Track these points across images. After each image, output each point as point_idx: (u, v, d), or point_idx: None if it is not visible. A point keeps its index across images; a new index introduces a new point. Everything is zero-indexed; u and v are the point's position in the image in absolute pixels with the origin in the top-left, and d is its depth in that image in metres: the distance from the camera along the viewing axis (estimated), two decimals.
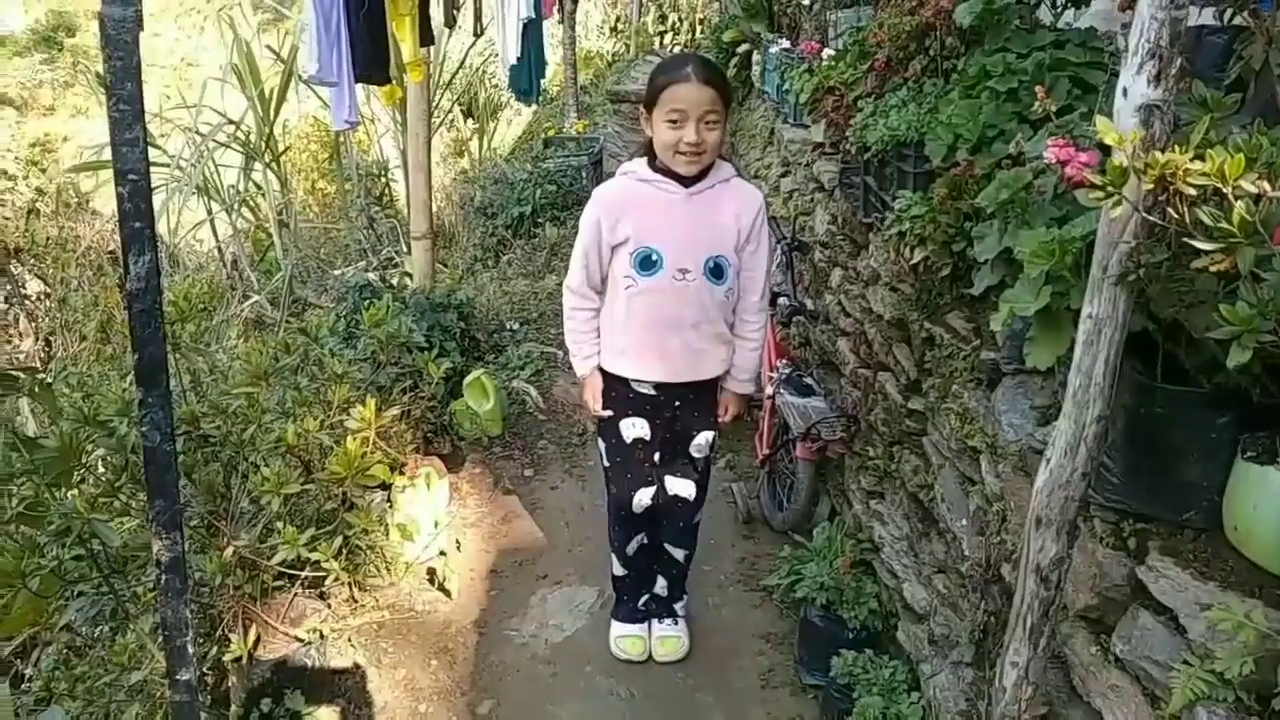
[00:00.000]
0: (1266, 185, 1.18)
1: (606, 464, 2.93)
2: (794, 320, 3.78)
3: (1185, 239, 1.25)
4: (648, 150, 2.61)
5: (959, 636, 2.30)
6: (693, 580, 3.25)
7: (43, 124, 14.21)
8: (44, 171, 10.96)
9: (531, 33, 7.25)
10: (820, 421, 3.22)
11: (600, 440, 2.92)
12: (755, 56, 6.80)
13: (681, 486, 2.94)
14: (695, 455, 2.91)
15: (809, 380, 3.54)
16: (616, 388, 2.77)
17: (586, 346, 2.76)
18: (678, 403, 2.80)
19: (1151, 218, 1.30)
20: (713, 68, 2.53)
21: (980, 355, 2.33)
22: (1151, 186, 1.24)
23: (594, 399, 2.81)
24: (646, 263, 2.59)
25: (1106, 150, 1.34)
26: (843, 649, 2.66)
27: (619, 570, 3.09)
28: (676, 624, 3.10)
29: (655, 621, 3.10)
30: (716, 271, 2.61)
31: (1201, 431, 1.50)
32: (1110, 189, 1.29)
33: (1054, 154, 1.42)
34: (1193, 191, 1.21)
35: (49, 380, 2.65)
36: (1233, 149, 1.21)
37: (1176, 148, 1.23)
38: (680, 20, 13.65)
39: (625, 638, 3.06)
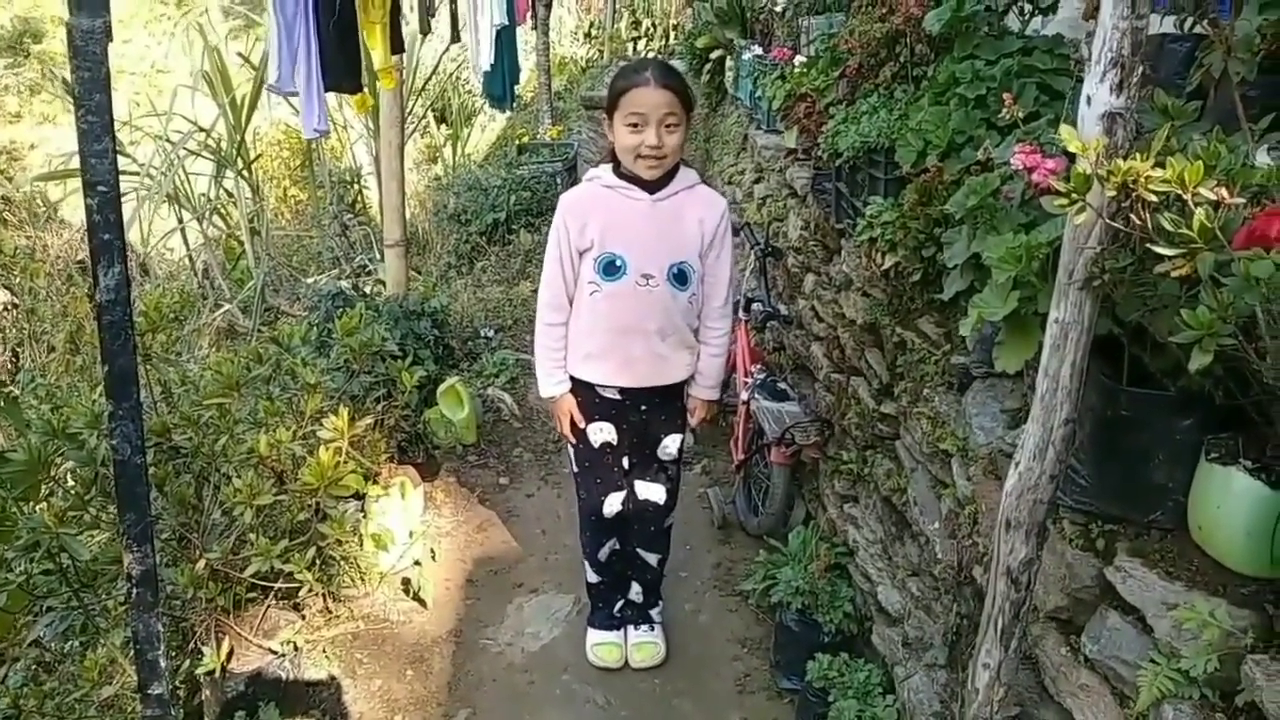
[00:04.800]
0: (1225, 192, 1.20)
1: (575, 469, 2.94)
2: (768, 325, 3.80)
3: (1148, 244, 1.27)
4: (613, 156, 2.62)
5: (932, 639, 2.32)
6: (668, 586, 3.26)
7: (8, 131, 13.98)
8: (10, 180, 10.78)
9: (504, 39, 7.24)
10: (794, 426, 3.24)
11: (569, 446, 2.92)
12: (728, 63, 6.82)
13: (651, 491, 2.95)
14: (664, 459, 2.92)
15: (783, 385, 3.56)
16: (582, 393, 2.78)
17: (559, 372, 2.77)
18: (644, 407, 2.81)
19: (1115, 224, 1.32)
20: (671, 71, 2.54)
21: (951, 359, 2.35)
22: (1114, 193, 1.27)
23: (565, 421, 2.81)
24: (610, 268, 2.60)
25: (1072, 157, 1.36)
26: (818, 653, 2.67)
27: (592, 577, 3.09)
28: (652, 630, 3.10)
29: (631, 628, 3.10)
30: (680, 277, 2.63)
31: (1166, 434, 1.52)
32: (1075, 195, 1.31)
33: (1021, 160, 1.44)
34: (1154, 198, 1.24)
35: (15, 393, 2.61)
36: (1192, 156, 1.24)
37: (1138, 155, 1.25)
38: (654, 26, 13.63)
39: (601, 645, 3.06)
